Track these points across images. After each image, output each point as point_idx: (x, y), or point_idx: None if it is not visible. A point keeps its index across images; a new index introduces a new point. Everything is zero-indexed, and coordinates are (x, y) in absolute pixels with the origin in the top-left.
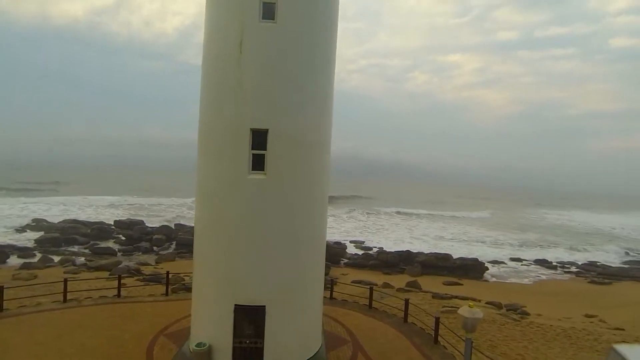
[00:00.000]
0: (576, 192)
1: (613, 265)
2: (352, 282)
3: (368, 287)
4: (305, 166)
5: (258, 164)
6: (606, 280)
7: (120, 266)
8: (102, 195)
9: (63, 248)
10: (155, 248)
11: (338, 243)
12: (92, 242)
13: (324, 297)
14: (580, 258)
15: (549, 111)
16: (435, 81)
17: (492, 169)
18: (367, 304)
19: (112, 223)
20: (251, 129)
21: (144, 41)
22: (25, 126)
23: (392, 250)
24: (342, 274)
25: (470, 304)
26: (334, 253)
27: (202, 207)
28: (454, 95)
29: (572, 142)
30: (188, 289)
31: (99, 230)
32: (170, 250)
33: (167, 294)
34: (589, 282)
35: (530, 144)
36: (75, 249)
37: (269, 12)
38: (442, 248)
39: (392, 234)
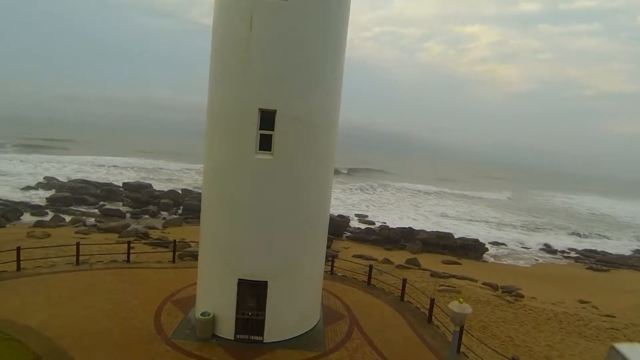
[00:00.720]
0: (586, 175)
1: (613, 252)
2: (353, 256)
3: (368, 262)
4: (312, 147)
5: (265, 144)
6: (604, 267)
7: (129, 229)
8: (111, 155)
9: (74, 207)
10: (162, 212)
11: (342, 216)
12: (101, 203)
13: (325, 271)
14: (584, 244)
15: (566, 91)
16: (450, 53)
17: (503, 147)
18: (366, 280)
19: (121, 185)
20: (259, 109)
21: None
22: (30, 81)
23: (395, 227)
24: (344, 248)
25: (460, 299)
26: (337, 226)
27: (209, 184)
28: (469, 69)
29: (588, 124)
30: (194, 256)
31: (108, 192)
32: (177, 216)
33: (174, 260)
34: (587, 268)
35: (543, 124)
36: (85, 209)
37: None
38: (445, 226)
39: (398, 210)
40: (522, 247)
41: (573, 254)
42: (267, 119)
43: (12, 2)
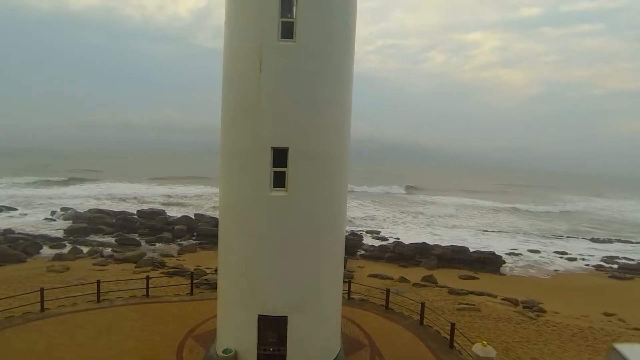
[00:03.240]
0: (605, 175)
1: (637, 258)
2: (368, 276)
3: (384, 282)
4: (325, 180)
5: (279, 181)
6: (627, 275)
7: (145, 258)
8: (126, 182)
9: (91, 238)
10: (177, 239)
11: (354, 234)
12: (117, 232)
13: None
14: (605, 251)
15: (573, 92)
16: (453, 61)
17: (514, 152)
18: (384, 304)
19: (135, 213)
20: (272, 148)
21: (158, 25)
22: (46, 113)
23: (408, 243)
24: (359, 267)
25: (484, 342)
26: (350, 244)
27: (226, 222)
28: (474, 75)
29: (602, 123)
30: (210, 285)
31: (124, 220)
32: (192, 241)
33: (191, 292)
34: (609, 276)
35: (554, 125)
36: (102, 239)
37: (287, 31)
38: (463, 240)
39: (413, 227)
40: (540, 257)
41: (594, 262)
42: (280, 156)
43: (15, 41)
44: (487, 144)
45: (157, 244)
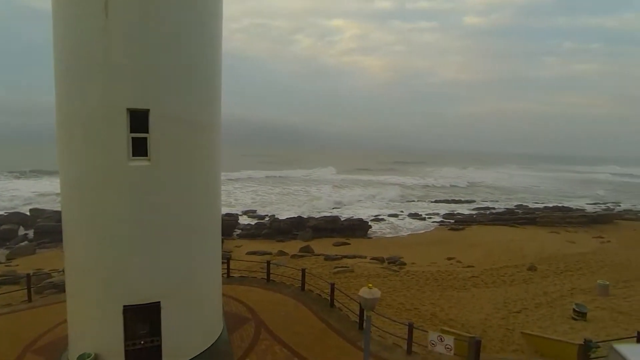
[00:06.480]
0: (441, 150)
1: (466, 213)
2: (247, 253)
3: (263, 257)
4: (194, 148)
5: (140, 148)
6: (460, 227)
7: None
8: None
9: None
10: (5, 242)
11: (229, 214)
12: None
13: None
14: (444, 209)
15: (415, 79)
16: (319, 45)
17: (380, 131)
18: (265, 277)
19: None
20: (128, 109)
21: None
22: None
23: (284, 218)
24: (236, 246)
25: (369, 285)
26: (226, 225)
27: (71, 202)
28: (337, 60)
29: (436, 107)
30: (58, 288)
31: None
32: (27, 242)
33: (29, 299)
34: (449, 229)
35: (405, 107)
36: None
37: None
38: (330, 212)
39: (288, 202)
40: (398, 220)
41: (438, 219)
42: (139, 119)
43: None
44: (359, 125)
45: None
